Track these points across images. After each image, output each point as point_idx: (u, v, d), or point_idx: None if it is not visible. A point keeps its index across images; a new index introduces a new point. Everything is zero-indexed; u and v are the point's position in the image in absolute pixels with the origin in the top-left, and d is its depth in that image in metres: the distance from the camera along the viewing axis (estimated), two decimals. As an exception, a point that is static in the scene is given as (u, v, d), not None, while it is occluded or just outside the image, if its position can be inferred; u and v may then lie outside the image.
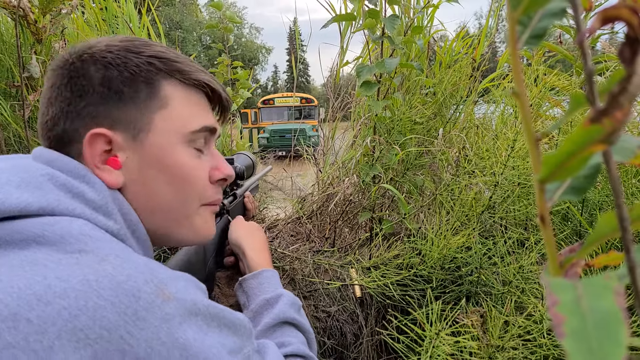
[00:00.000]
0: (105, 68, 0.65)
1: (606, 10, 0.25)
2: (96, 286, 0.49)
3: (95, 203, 0.60)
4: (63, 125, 0.64)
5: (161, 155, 0.68)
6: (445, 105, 1.81)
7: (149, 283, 0.53)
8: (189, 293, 0.57)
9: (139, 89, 0.66)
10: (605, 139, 0.25)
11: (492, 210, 1.39)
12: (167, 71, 0.69)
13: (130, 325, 0.49)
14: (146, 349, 0.49)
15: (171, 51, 0.72)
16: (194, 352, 0.53)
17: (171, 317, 0.52)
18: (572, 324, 0.21)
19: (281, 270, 1.41)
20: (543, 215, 0.30)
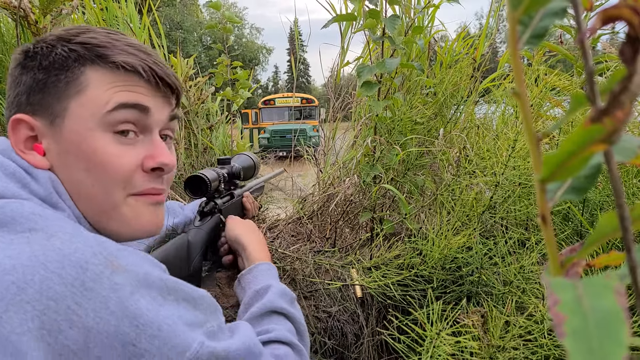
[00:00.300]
0: (31, 59, 0.66)
1: (607, 10, 0.25)
2: (43, 260, 0.50)
3: (40, 195, 0.62)
4: (7, 114, 0.67)
5: (77, 141, 0.66)
6: (445, 105, 1.81)
7: (97, 255, 0.53)
8: (141, 266, 0.57)
9: (59, 77, 0.66)
10: (606, 139, 0.25)
11: (493, 211, 1.39)
12: (88, 57, 0.67)
13: (77, 295, 0.50)
14: (94, 318, 0.50)
15: (105, 36, 0.69)
16: (145, 322, 0.53)
17: (121, 286, 0.53)
18: (573, 323, 0.21)
19: (282, 271, 1.41)
20: (544, 215, 0.30)
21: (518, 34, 0.30)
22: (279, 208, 2.00)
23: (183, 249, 0.96)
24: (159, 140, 0.73)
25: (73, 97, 0.66)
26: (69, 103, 0.66)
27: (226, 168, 1.15)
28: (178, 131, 1.94)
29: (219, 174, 1.09)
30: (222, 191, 1.16)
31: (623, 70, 0.24)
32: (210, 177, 1.04)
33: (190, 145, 2.04)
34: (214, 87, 2.22)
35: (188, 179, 1.03)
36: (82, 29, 0.70)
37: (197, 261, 0.99)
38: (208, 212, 1.11)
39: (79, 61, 0.67)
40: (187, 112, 2.02)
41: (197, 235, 1.01)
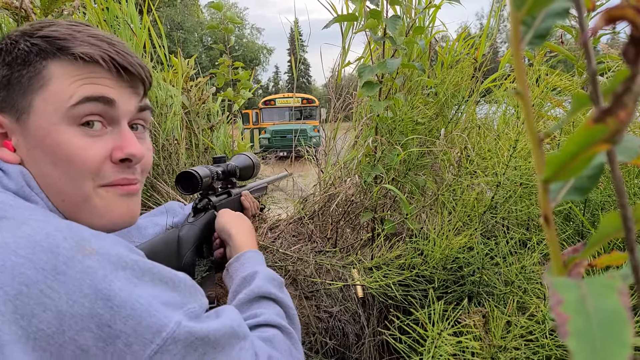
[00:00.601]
0: None
1: (610, 10, 0.25)
2: (14, 246, 0.50)
3: (12, 189, 0.62)
4: None
5: (42, 136, 0.66)
6: (447, 105, 1.81)
7: (68, 240, 0.53)
8: (113, 248, 0.57)
9: (21, 72, 0.66)
10: (609, 139, 0.25)
11: (494, 211, 1.39)
12: (50, 51, 0.67)
13: (49, 279, 0.50)
14: (68, 301, 0.50)
15: (67, 28, 0.69)
16: (119, 302, 0.53)
17: (93, 270, 0.53)
18: (576, 323, 0.21)
19: (284, 271, 1.41)
20: (547, 215, 0.30)
21: (521, 34, 0.30)
22: (280, 208, 2.00)
23: (172, 244, 0.96)
24: (127, 131, 0.72)
25: (37, 92, 0.66)
26: (33, 98, 0.66)
27: (221, 166, 1.15)
28: (179, 131, 1.94)
29: (212, 171, 1.09)
30: (217, 189, 1.16)
31: (626, 71, 0.24)
32: (202, 173, 1.03)
33: (191, 146, 2.04)
34: (215, 88, 2.22)
35: (179, 175, 1.03)
36: (46, 23, 0.69)
37: (188, 257, 0.99)
38: (202, 208, 1.10)
39: (41, 55, 0.66)
40: (188, 113, 2.02)
41: (189, 230, 1.01)
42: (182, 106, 1.96)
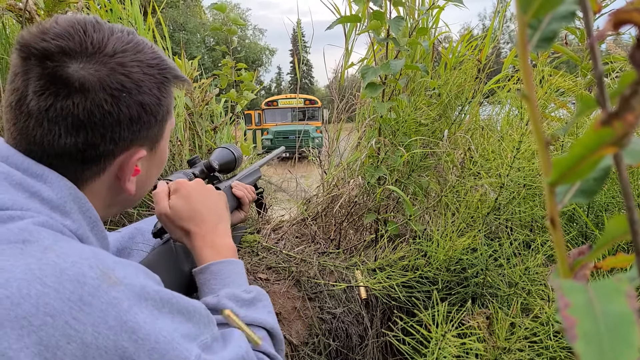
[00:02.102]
0: (142, 94, 0.65)
1: (618, 14, 0.25)
2: (39, 274, 0.49)
3: (53, 202, 0.60)
4: (103, 148, 0.64)
5: (163, 154, 0.75)
6: (450, 106, 1.81)
7: (94, 269, 0.53)
8: (137, 278, 0.57)
9: (162, 108, 0.69)
10: (616, 142, 0.25)
11: (498, 212, 1.38)
12: (173, 81, 0.71)
13: (75, 310, 0.49)
14: (93, 333, 0.49)
15: (161, 52, 0.71)
16: (143, 335, 0.52)
17: (119, 301, 0.52)
18: (584, 326, 0.21)
19: (287, 272, 1.41)
20: (553, 218, 0.30)
21: (527, 37, 0.30)
22: (282, 209, 2.01)
23: (170, 256, 0.94)
24: None
25: (167, 121, 0.73)
26: (165, 127, 0.73)
27: (197, 166, 1.13)
28: (182, 132, 1.95)
29: (187, 174, 1.06)
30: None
31: (633, 74, 0.24)
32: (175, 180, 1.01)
33: (194, 147, 2.05)
34: (218, 89, 2.22)
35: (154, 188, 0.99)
36: (144, 43, 0.70)
37: (187, 266, 0.97)
38: None
39: (169, 84, 0.71)
40: (191, 114, 2.03)
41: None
42: (185, 107, 1.96)
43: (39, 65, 0.58)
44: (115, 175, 0.68)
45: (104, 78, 0.61)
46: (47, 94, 0.58)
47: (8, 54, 1.69)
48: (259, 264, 1.46)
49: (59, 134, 0.60)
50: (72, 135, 0.60)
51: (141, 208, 1.67)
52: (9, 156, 0.60)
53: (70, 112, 0.59)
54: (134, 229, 1.02)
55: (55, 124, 0.59)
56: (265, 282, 1.39)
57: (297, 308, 1.34)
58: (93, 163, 0.64)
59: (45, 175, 0.60)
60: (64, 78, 0.58)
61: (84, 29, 0.61)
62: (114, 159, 0.66)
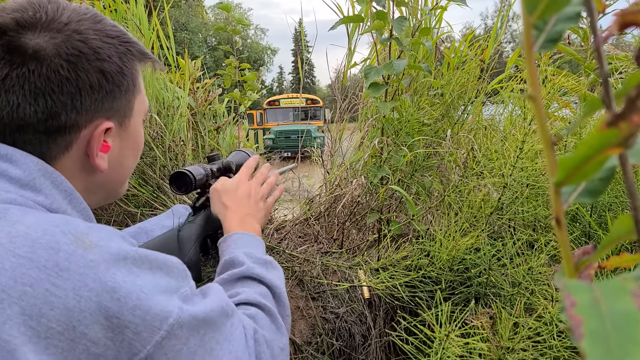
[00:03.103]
0: (100, 61, 0.64)
1: (624, 15, 0.25)
2: (11, 247, 0.50)
3: (21, 180, 0.59)
4: (65, 117, 0.63)
5: (135, 135, 0.75)
6: (453, 106, 1.81)
7: (66, 234, 0.53)
8: (112, 239, 0.58)
9: (125, 79, 0.68)
10: (621, 143, 0.25)
11: (501, 212, 1.39)
12: (137, 55, 0.71)
13: (53, 277, 0.50)
14: (74, 297, 0.50)
15: (123, 29, 0.71)
16: (124, 293, 0.53)
17: (96, 263, 0.53)
18: (590, 325, 0.22)
19: (290, 272, 1.41)
20: (559, 218, 0.30)
21: (533, 38, 0.30)
22: (285, 209, 2.01)
23: (172, 243, 0.95)
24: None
25: (136, 96, 0.73)
26: (134, 103, 0.72)
27: (216, 164, 1.15)
28: (185, 132, 1.95)
29: (206, 169, 1.08)
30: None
31: (639, 75, 0.24)
32: (195, 172, 1.03)
33: (197, 147, 2.05)
34: (221, 89, 2.23)
35: (172, 176, 1.02)
36: (100, 16, 0.70)
37: (192, 253, 0.99)
38: (200, 206, 1.11)
39: (135, 59, 0.71)
40: (194, 114, 2.03)
41: (189, 229, 1.01)
42: (188, 107, 1.97)
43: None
44: (84, 152, 0.67)
45: (60, 44, 0.61)
46: (2, 64, 0.59)
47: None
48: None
49: (17, 103, 0.60)
50: (30, 104, 0.60)
51: (144, 208, 1.67)
52: None
53: (27, 79, 0.59)
54: (137, 228, 1.03)
55: (13, 93, 0.59)
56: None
57: (300, 308, 1.35)
58: (58, 134, 0.63)
59: (10, 154, 0.60)
60: (18, 46, 0.59)
61: (39, 2, 0.62)
62: (79, 131, 0.65)
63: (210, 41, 40.53)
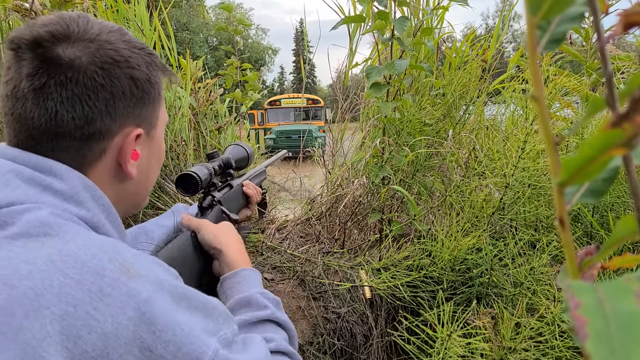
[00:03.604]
0: (131, 69, 0.67)
1: (628, 16, 0.25)
2: (61, 266, 0.50)
3: (66, 193, 0.61)
4: (100, 123, 0.65)
5: (159, 145, 0.77)
6: (454, 106, 1.80)
7: (113, 261, 0.54)
8: (155, 272, 0.58)
9: (153, 87, 0.71)
10: (626, 143, 0.25)
11: (503, 212, 1.38)
12: (160, 67, 0.73)
13: (96, 301, 0.50)
14: (113, 323, 0.50)
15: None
16: (160, 327, 0.53)
17: (137, 292, 0.53)
18: (595, 326, 0.22)
19: (292, 272, 1.41)
20: (562, 218, 0.30)
21: (536, 38, 0.30)
22: (286, 209, 2.01)
23: (187, 246, 0.96)
24: None
25: (160, 107, 0.75)
26: (158, 113, 0.75)
27: (216, 161, 1.15)
28: (187, 132, 1.95)
29: (209, 168, 1.09)
30: (218, 184, 1.16)
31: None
32: (200, 173, 1.03)
33: (198, 147, 2.05)
34: (222, 89, 2.23)
35: (178, 178, 1.03)
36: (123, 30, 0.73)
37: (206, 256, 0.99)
38: (207, 206, 1.11)
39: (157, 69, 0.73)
40: (195, 114, 2.03)
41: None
42: (190, 107, 1.97)
43: (31, 51, 0.61)
44: (116, 160, 0.69)
45: (94, 52, 0.63)
46: (40, 74, 0.60)
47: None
48: (264, 263, 1.46)
49: (55, 110, 0.61)
50: (68, 111, 0.62)
51: (146, 208, 1.67)
52: (15, 156, 0.61)
53: (64, 86, 0.61)
54: (138, 228, 1.03)
55: (51, 100, 0.61)
56: (270, 281, 1.40)
57: (301, 307, 1.35)
58: (93, 140, 0.65)
59: (54, 168, 0.61)
60: (55, 56, 0.61)
61: (69, 16, 0.65)
62: (112, 137, 0.67)
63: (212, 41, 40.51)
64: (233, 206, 1.18)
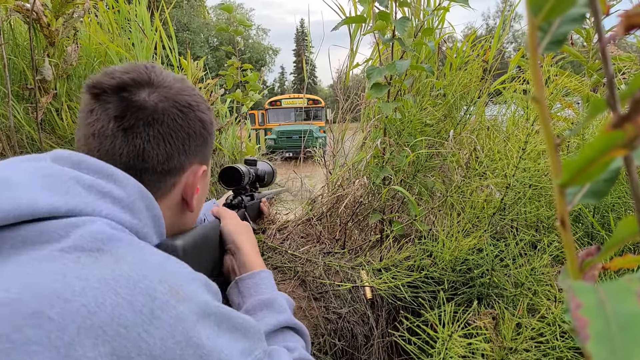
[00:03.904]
0: (201, 112, 0.77)
1: (629, 17, 0.25)
2: (114, 285, 0.51)
3: (123, 201, 0.64)
4: (177, 160, 0.73)
5: (208, 180, 0.86)
6: (455, 107, 1.81)
7: (163, 283, 0.55)
8: (202, 295, 0.60)
9: (213, 129, 0.81)
10: (626, 145, 0.25)
11: (504, 212, 1.38)
12: (211, 110, 0.82)
13: (147, 323, 0.51)
14: (161, 347, 0.51)
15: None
16: (207, 352, 0.55)
17: (185, 316, 0.54)
18: (596, 326, 0.22)
19: (293, 272, 1.41)
20: (563, 219, 0.30)
21: (537, 39, 0.30)
22: (288, 209, 2.01)
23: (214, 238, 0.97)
24: None
25: (211, 147, 0.83)
26: (210, 152, 0.83)
27: (253, 169, 1.19)
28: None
29: (250, 171, 1.13)
30: (247, 189, 1.20)
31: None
32: (244, 171, 1.08)
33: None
34: (223, 89, 2.23)
35: (223, 170, 1.07)
36: (185, 79, 0.82)
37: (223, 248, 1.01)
38: (235, 205, 1.13)
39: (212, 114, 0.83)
40: (196, 114, 2.03)
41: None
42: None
43: (115, 95, 0.68)
44: (181, 193, 0.77)
45: (173, 98, 0.72)
46: (129, 115, 0.68)
47: (16, 54, 1.70)
48: (265, 264, 1.46)
49: (143, 147, 0.69)
50: (153, 148, 0.70)
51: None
52: (81, 162, 0.65)
53: (152, 126, 0.69)
54: None
55: (139, 138, 0.69)
56: (271, 282, 1.40)
57: (302, 308, 1.35)
58: (169, 175, 0.73)
59: (115, 175, 0.65)
60: (142, 101, 0.69)
61: (144, 66, 0.74)
62: (183, 173, 0.76)
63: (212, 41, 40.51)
64: (251, 216, 1.21)
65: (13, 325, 0.44)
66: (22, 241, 0.53)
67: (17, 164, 0.61)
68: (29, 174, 0.59)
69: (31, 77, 1.59)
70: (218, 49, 35.97)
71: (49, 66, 1.60)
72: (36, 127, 1.57)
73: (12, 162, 0.63)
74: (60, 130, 1.73)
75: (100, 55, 1.85)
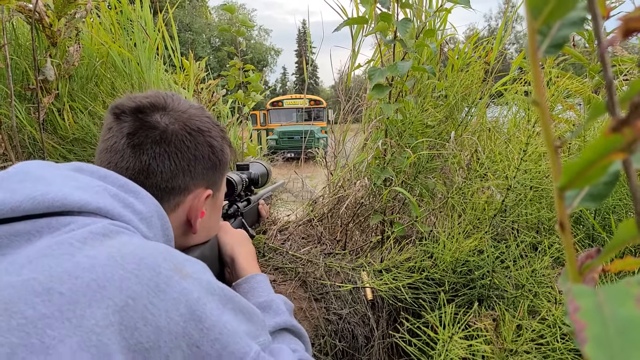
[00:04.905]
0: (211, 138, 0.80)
1: (628, 22, 0.25)
2: (121, 261, 0.54)
3: (143, 214, 0.68)
4: (181, 180, 0.76)
5: (219, 208, 0.90)
6: (457, 108, 1.81)
7: (167, 261, 0.58)
8: (204, 274, 0.62)
9: (223, 156, 0.83)
10: (625, 148, 0.25)
11: (504, 214, 1.38)
12: (228, 142, 0.86)
13: (152, 295, 0.54)
14: (166, 318, 0.54)
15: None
16: (209, 325, 0.57)
17: (189, 291, 0.57)
18: (594, 330, 0.22)
19: (293, 273, 1.41)
20: (563, 222, 0.30)
21: (537, 43, 0.30)
22: (289, 210, 2.01)
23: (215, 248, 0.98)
24: None
25: (224, 174, 0.87)
26: (223, 179, 0.87)
27: (245, 174, 1.18)
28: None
29: (242, 178, 1.12)
30: (242, 195, 1.19)
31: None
32: (237, 180, 1.07)
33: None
34: (225, 90, 2.23)
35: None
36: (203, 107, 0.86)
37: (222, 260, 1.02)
38: (232, 214, 1.13)
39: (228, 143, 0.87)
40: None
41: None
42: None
43: (133, 116, 0.73)
44: (185, 215, 0.80)
45: (184, 121, 0.77)
46: (140, 134, 0.73)
47: (18, 55, 1.70)
48: (266, 265, 1.46)
49: (148, 163, 0.73)
50: (158, 165, 0.73)
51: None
52: (107, 175, 0.69)
53: (158, 144, 0.73)
54: None
55: (146, 154, 0.73)
56: (272, 283, 1.40)
57: (303, 309, 1.35)
58: (172, 194, 0.76)
59: (138, 191, 0.70)
60: (154, 121, 0.74)
61: (165, 93, 0.80)
62: (188, 194, 0.78)
63: (214, 42, 40.54)
64: (249, 221, 1.21)
65: (26, 303, 0.47)
66: (39, 231, 0.57)
67: (46, 168, 0.65)
68: (63, 176, 0.64)
69: (33, 78, 1.60)
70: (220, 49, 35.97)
71: (51, 66, 1.61)
72: (38, 127, 1.58)
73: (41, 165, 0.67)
74: (62, 130, 1.74)
75: (102, 56, 1.85)
